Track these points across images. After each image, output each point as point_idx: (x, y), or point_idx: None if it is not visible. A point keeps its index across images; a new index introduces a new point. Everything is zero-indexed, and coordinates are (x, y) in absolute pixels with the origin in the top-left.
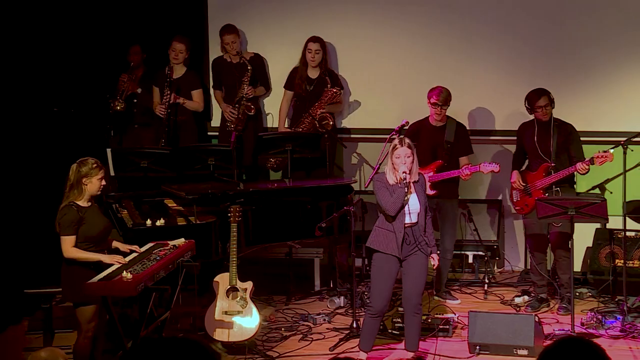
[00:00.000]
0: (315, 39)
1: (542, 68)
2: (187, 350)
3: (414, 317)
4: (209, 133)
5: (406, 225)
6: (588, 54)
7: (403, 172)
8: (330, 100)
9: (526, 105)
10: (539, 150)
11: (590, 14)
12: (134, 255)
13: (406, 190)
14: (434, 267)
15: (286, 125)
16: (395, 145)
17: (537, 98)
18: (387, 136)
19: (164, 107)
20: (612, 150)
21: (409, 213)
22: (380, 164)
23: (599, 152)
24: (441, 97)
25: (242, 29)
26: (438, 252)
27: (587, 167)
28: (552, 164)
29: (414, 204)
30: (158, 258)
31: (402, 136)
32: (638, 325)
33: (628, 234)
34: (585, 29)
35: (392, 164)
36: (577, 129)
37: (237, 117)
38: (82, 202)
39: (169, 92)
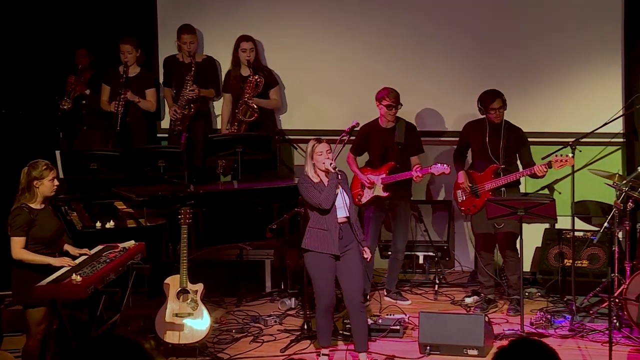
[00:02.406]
0: (247, 38)
1: (492, 69)
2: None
3: (360, 315)
4: (158, 135)
5: (339, 221)
6: (537, 55)
7: (331, 164)
8: (253, 90)
9: (479, 105)
10: (489, 151)
11: (540, 15)
12: (83, 257)
13: (337, 181)
14: (367, 260)
15: (227, 127)
16: (314, 144)
17: (492, 100)
18: (338, 137)
19: (119, 105)
20: (571, 155)
21: (340, 207)
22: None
23: (558, 155)
24: (393, 97)
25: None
26: (367, 247)
27: (545, 169)
28: (502, 166)
29: (339, 199)
30: (108, 260)
31: (344, 140)
32: (587, 325)
33: (576, 234)
34: (534, 30)
35: (314, 162)
36: (527, 130)
37: (178, 116)
38: (35, 205)
39: (123, 90)
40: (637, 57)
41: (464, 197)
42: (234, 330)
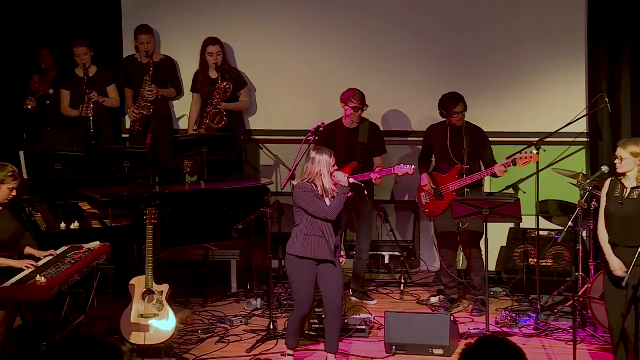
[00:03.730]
0: (213, 42)
1: (456, 70)
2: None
3: (337, 318)
4: (123, 135)
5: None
6: (500, 57)
7: (347, 179)
8: (222, 95)
9: (440, 109)
10: (450, 153)
11: (502, 17)
12: (48, 259)
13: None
14: (343, 264)
15: (195, 128)
16: (331, 157)
17: (455, 105)
18: (304, 138)
19: (88, 108)
20: (536, 151)
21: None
22: (296, 166)
23: (522, 153)
24: (359, 99)
25: (156, 30)
26: (342, 253)
27: (504, 169)
28: (466, 167)
29: None
30: (73, 262)
31: (310, 140)
32: (551, 324)
33: (541, 233)
34: (497, 32)
35: (330, 174)
36: (491, 131)
37: (137, 117)
38: None
39: (88, 92)
40: (601, 57)
41: (428, 200)
42: (199, 331)
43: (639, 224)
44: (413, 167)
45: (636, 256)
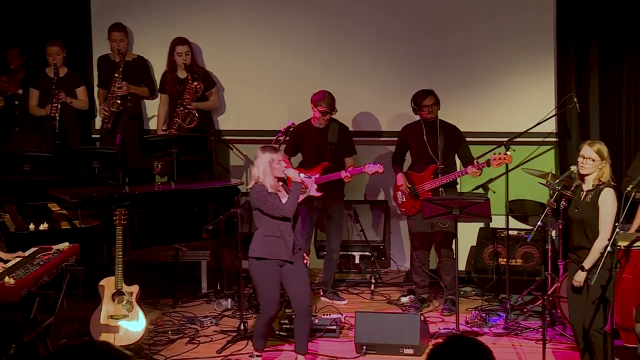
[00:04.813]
0: (182, 42)
1: (425, 70)
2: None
3: (306, 319)
4: (93, 135)
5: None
6: (470, 57)
7: (299, 175)
8: (193, 95)
9: (412, 105)
10: (428, 150)
11: (472, 18)
12: (16, 260)
13: (301, 188)
14: (307, 265)
15: (164, 128)
16: (273, 155)
17: (424, 97)
18: (274, 138)
19: (56, 108)
20: (509, 152)
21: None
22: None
23: (496, 154)
24: (327, 103)
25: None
26: (306, 253)
27: (478, 170)
28: (441, 166)
29: None
30: (42, 263)
31: (280, 140)
32: (521, 323)
33: (510, 232)
34: (466, 32)
35: (273, 172)
36: (461, 130)
37: (106, 114)
38: None
39: (57, 92)
40: (570, 58)
41: (404, 199)
42: (169, 332)
43: (588, 227)
44: (382, 165)
45: (603, 258)
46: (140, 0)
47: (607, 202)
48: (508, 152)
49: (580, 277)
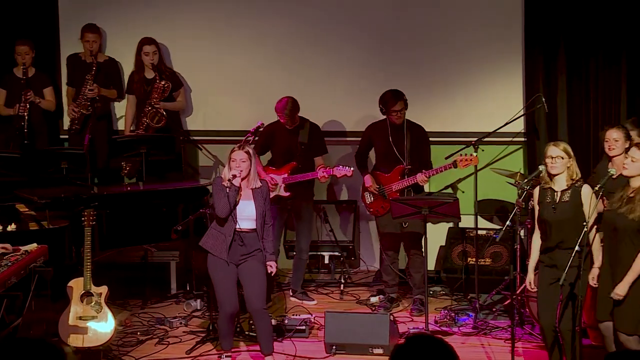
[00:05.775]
0: (149, 41)
1: (394, 71)
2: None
3: (262, 320)
4: (61, 136)
5: (239, 230)
6: (438, 57)
7: (232, 175)
8: (161, 95)
9: (380, 106)
10: (394, 151)
11: (439, 18)
12: None
13: (235, 193)
14: (272, 274)
15: (132, 128)
16: (234, 148)
17: (393, 103)
18: (243, 138)
19: (25, 107)
20: (475, 154)
21: (245, 219)
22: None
23: (463, 155)
24: (288, 111)
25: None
26: (274, 261)
27: (426, 178)
28: (408, 167)
29: (248, 210)
30: (9, 264)
31: (249, 140)
32: (490, 322)
33: (479, 232)
34: (435, 33)
35: (229, 166)
36: (429, 130)
37: (76, 115)
38: None
39: (25, 91)
40: (538, 58)
41: (372, 199)
42: (139, 333)
43: (572, 226)
44: (352, 169)
45: (571, 257)
46: (108, 0)
47: (590, 196)
48: (475, 153)
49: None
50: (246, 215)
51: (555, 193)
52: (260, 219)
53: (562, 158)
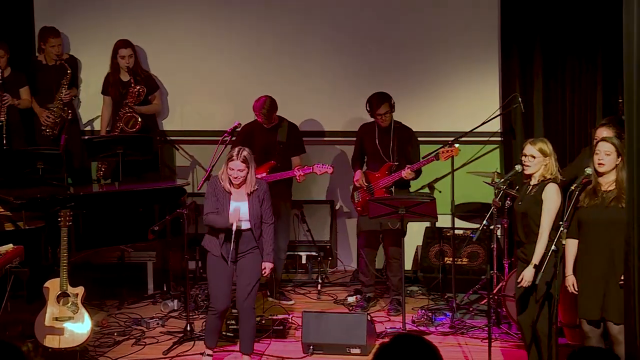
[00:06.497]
0: (125, 44)
1: (373, 71)
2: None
3: (247, 320)
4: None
5: (235, 230)
6: (415, 57)
7: (231, 224)
8: (136, 99)
9: (367, 108)
10: (380, 152)
11: (422, 19)
12: None
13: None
14: (264, 275)
15: (108, 129)
16: (232, 156)
17: (378, 106)
18: (220, 138)
19: (2, 112)
20: (457, 145)
21: (237, 221)
22: (213, 166)
23: (443, 147)
24: (266, 110)
25: (65, 31)
26: (269, 261)
27: (411, 172)
28: (396, 163)
29: (242, 212)
30: None
31: (241, 148)
32: (467, 322)
33: (456, 232)
34: (414, 33)
35: (227, 173)
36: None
37: (53, 121)
38: None
39: (2, 95)
40: (514, 58)
41: (360, 197)
42: (115, 333)
43: (529, 219)
44: (332, 166)
45: (547, 257)
46: (83, 3)
47: (551, 197)
48: (456, 145)
49: (528, 274)
50: (241, 216)
51: (529, 187)
52: (255, 219)
53: (535, 157)
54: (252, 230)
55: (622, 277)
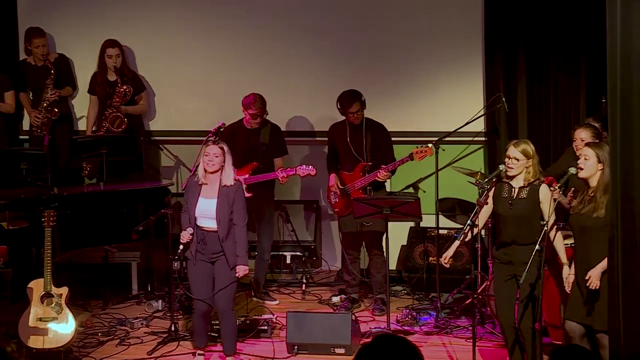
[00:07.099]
0: (113, 44)
1: (355, 71)
2: None
3: (226, 321)
4: (21, 137)
5: (204, 229)
6: (399, 57)
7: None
8: (122, 99)
9: (338, 106)
10: (352, 151)
11: (400, 20)
12: None
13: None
14: (238, 277)
15: (93, 129)
16: (207, 142)
17: (349, 105)
18: (204, 138)
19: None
20: (430, 145)
21: (207, 218)
22: (197, 166)
23: (417, 147)
24: (258, 107)
25: (51, 31)
26: (242, 264)
27: (387, 173)
28: (369, 163)
29: (209, 209)
30: None
31: (217, 138)
32: (451, 321)
33: (441, 231)
34: (396, 32)
35: (203, 160)
36: (390, 130)
37: (41, 121)
38: None
39: None
40: (498, 58)
41: (337, 199)
42: (100, 334)
43: (529, 222)
44: (315, 167)
45: (531, 257)
46: (68, 3)
47: (548, 197)
48: (430, 145)
49: (595, 276)
50: (207, 213)
51: (513, 189)
52: (224, 221)
53: (518, 160)
54: (219, 233)
55: (587, 277)
